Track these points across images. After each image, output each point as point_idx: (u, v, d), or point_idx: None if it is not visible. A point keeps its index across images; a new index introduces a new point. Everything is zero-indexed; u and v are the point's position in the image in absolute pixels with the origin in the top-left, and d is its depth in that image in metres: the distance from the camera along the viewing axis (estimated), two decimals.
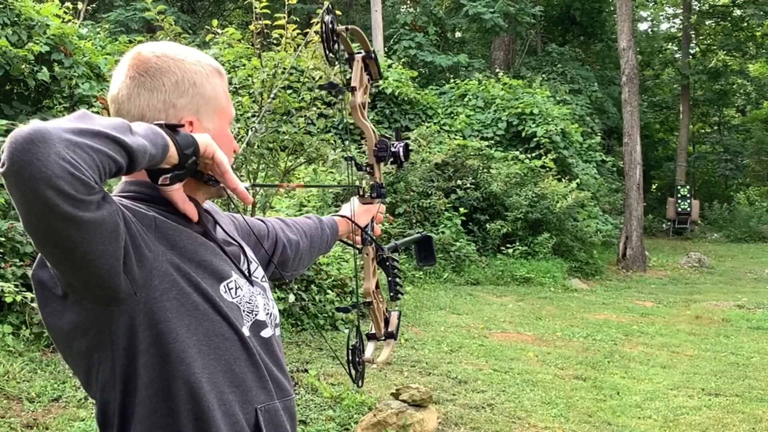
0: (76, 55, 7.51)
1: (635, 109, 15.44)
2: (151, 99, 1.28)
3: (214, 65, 1.36)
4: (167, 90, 1.28)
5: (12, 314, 5.63)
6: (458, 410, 5.17)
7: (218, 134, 1.32)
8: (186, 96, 1.30)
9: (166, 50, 1.32)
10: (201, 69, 1.33)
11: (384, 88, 14.53)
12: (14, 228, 6.00)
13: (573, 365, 6.78)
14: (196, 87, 1.31)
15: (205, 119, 1.32)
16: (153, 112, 1.27)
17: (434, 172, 12.54)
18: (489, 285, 11.26)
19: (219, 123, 1.35)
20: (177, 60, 1.31)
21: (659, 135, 29.94)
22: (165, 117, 1.27)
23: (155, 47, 1.33)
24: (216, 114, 1.34)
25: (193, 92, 1.30)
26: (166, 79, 1.28)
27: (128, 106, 1.29)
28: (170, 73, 1.29)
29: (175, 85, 1.29)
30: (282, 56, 5.73)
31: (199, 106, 1.31)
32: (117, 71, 1.33)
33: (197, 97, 1.31)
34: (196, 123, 1.30)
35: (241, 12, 24.79)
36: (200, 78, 1.32)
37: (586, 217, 13.83)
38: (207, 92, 1.32)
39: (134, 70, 1.29)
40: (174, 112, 1.28)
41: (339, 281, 7.79)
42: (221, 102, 1.35)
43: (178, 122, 1.26)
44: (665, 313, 10.02)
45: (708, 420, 5.36)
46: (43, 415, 4.43)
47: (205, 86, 1.32)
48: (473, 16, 19.17)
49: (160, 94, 1.28)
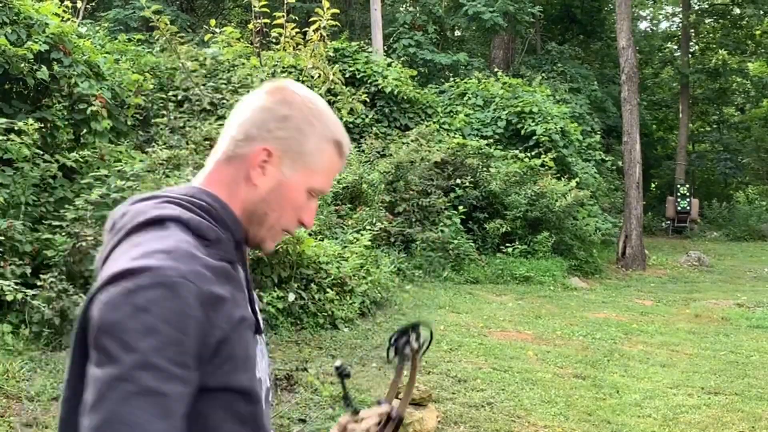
0: (75, 53, 7.50)
1: (635, 108, 15.44)
2: (260, 114, 1.27)
3: (338, 137, 1.31)
4: (276, 117, 1.27)
5: (11, 313, 5.63)
6: (458, 409, 5.17)
7: (290, 189, 1.27)
8: (285, 131, 1.26)
9: (313, 98, 1.31)
10: (322, 128, 1.29)
11: (383, 87, 14.52)
12: (13, 227, 6.00)
13: (572, 364, 6.78)
14: (301, 132, 1.27)
15: (287, 163, 1.26)
16: (249, 123, 1.27)
17: (433, 170, 12.53)
18: (488, 284, 11.25)
19: (300, 181, 1.27)
20: (310, 107, 1.29)
21: (659, 134, 29.94)
22: (255, 132, 1.26)
23: (307, 91, 1.31)
24: (304, 170, 1.27)
25: (295, 134, 1.27)
26: (284, 109, 1.27)
27: (240, 110, 1.30)
28: (293, 109, 1.28)
29: (285, 118, 1.27)
30: (281, 55, 5.73)
31: (290, 148, 1.26)
32: (258, 92, 1.32)
33: (294, 140, 1.26)
34: (273, 157, 1.25)
35: (240, 11, 24.77)
36: (311, 131, 1.27)
37: (586, 216, 13.83)
38: (308, 145, 1.27)
39: (275, 95, 1.29)
40: (264, 135, 1.26)
41: (339, 280, 7.79)
42: (317, 165, 1.28)
43: (259, 149, 1.25)
44: (665, 311, 10.03)
45: (707, 418, 5.36)
46: (42, 414, 4.43)
47: (310, 139, 1.27)
48: (473, 15, 19.16)
49: (269, 115, 1.27)
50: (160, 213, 1.17)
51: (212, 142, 6.33)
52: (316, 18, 5.60)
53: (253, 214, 1.27)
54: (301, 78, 5.86)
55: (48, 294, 5.64)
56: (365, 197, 11.48)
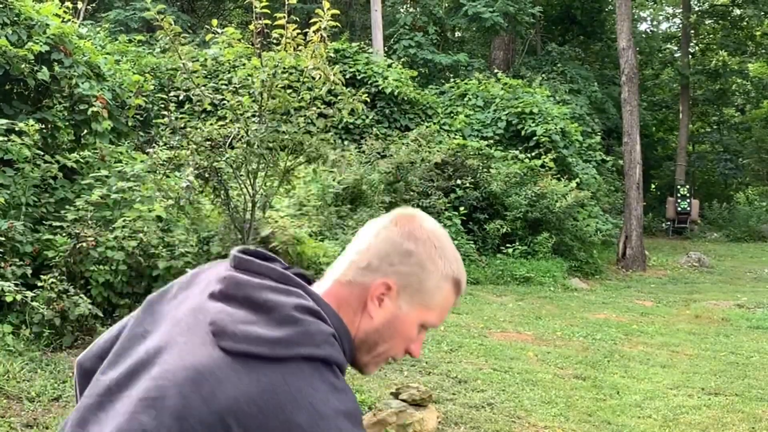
0: (75, 54, 7.51)
1: (635, 109, 15.45)
2: (385, 245, 1.27)
3: (458, 277, 1.31)
4: (401, 252, 1.26)
5: (12, 314, 5.64)
6: (458, 410, 5.17)
7: (403, 323, 1.27)
8: (408, 267, 1.26)
9: (439, 234, 1.31)
10: (444, 267, 1.28)
11: (384, 88, 14.53)
12: (14, 227, 6.00)
13: (573, 365, 6.79)
14: (423, 270, 1.27)
15: (404, 298, 1.26)
16: (373, 252, 1.27)
17: (434, 171, 12.54)
18: (489, 284, 11.26)
19: (415, 316, 1.28)
20: (436, 246, 1.29)
21: (659, 134, 29.95)
22: (377, 264, 1.26)
23: (434, 224, 1.32)
24: (420, 307, 1.28)
25: (417, 270, 1.27)
26: (410, 245, 1.27)
27: (365, 234, 1.30)
28: (418, 244, 1.27)
29: (409, 253, 1.26)
30: (282, 56, 5.73)
31: (410, 284, 1.26)
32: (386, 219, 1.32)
33: (415, 277, 1.26)
34: (392, 291, 1.26)
35: (241, 11, 24.79)
36: (434, 269, 1.27)
37: (586, 217, 13.83)
38: (429, 284, 1.27)
39: (401, 226, 1.29)
40: (385, 268, 1.26)
41: None
42: (433, 302, 1.28)
43: (380, 282, 1.25)
44: (665, 312, 10.03)
45: (708, 419, 5.36)
46: (42, 415, 4.43)
47: (431, 278, 1.27)
48: (473, 16, 19.17)
49: (393, 248, 1.27)
50: (332, 356, 1.17)
51: (213, 142, 6.33)
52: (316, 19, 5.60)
53: (364, 342, 1.28)
54: (301, 78, 5.86)
55: (48, 294, 5.65)
56: (365, 198, 11.48)
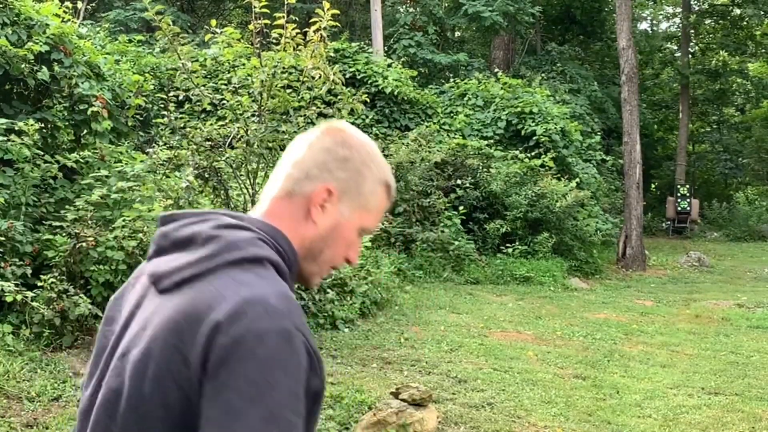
0: (75, 54, 7.50)
1: (635, 109, 15.45)
2: (320, 154, 1.31)
3: (389, 180, 1.37)
4: (337, 158, 1.31)
5: (12, 314, 5.64)
6: (458, 409, 5.17)
7: (345, 227, 1.32)
8: (345, 172, 1.31)
9: (368, 142, 1.36)
10: (377, 171, 1.34)
11: (384, 88, 14.53)
12: (14, 227, 6.00)
13: (573, 364, 6.78)
14: (360, 174, 1.32)
15: (345, 203, 1.31)
16: (309, 162, 1.31)
17: (434, 171, 12.54)
18: (489, 284, 11.26)
19: (356, 220, 1.33)
20: (368, 151, 1.34)
21: (659, 134, 29.93)
22: (316, 172, 1.30)
23: (362, 135, 1.37)
24: (360, 210, 1.33)
25: (354, 175, 1.31)
26: (346, 151, 1.32)
27: (296, 148, 1.34)
28: (353, 151, 1.32)
29: (345, 160, 1.31)
30: (281, 56, 5.73)
31: (349, 189, 1.31)
32: (315, 132, 1.36)
33: (353, 181, 1.31)
34: (333, 196, 1.30)
35: (240, 11, 24.77)
36: (369, 174, 1.33)
37: (586, 217, 13.82)
38: (366, 188, 1.33)
39: (333, 136, 1.34)
40: (325, 175, 1.30)
41: (339, 280, 7.79)
42: (371, 206, 1.34)
43: (321, 188, 1.29)
44: (665, 312, 10.03)
45: (708, 419, 5.36)
46: (43, 415, 4.43)
47: (367, 182, 1.32)
48: (472, 15, 19.17)
49: (331, 155, 1.31)
50: (259, 253, 1.20)
51: (213, 142, 6.33)
52: (316, 19, 5.60)
53: (310, 251, 1.30)
54: (301, 78, 5.86)
55: (48, 294, 5.65)
56: None
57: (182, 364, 1.11)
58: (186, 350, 1.11)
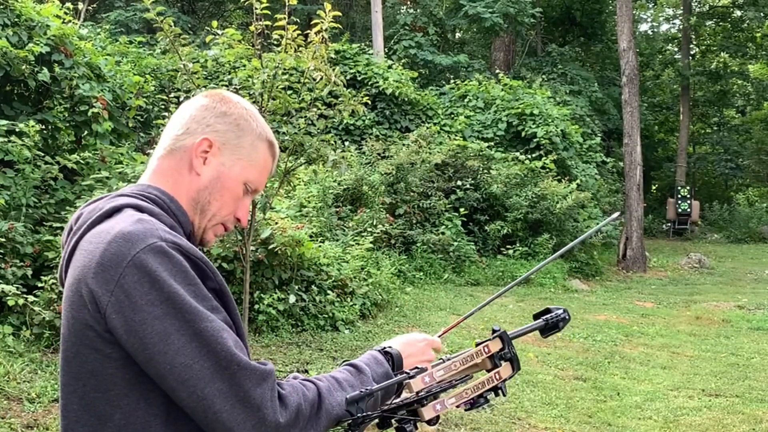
0: (76, 55, 7.51)
1: (635, 110, 15.45)
2: (200, 111, 1.36)
3: (271, 138, 1.41)
4: (215, 113, 1.36)
5: (12, 315, 5.64)
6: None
7: (228, 178, 1.35)
8: (224, 125, 1.35)
9: (246, 103, 1.41)
10: (255, 127, 1.39)
11: (384, 89, 14.53)
12: (15, 229, 6.00)
13: (573, 366, 6.78)
14: (238, 127, 1.36)
15: (225, 154, 1.35)
16: (189, 119, 1.36)
17: (434, 172, 12.54)
18: (489, 286, 11.25)
19: (238, 171, 1.36)
20: (246, 108, 1.39)
21: (659, 136, 29.94)
22: (195, 126, 1.35)
23: (240, 98, 1.42)
24: (240, 162, 1.36)
25: (233, 128, 1.36)
26: (222, 106, 1.37)
27: (180, 112, 1.39)
28: (231, 106, 1.37)
29: (223, 114, 1.36)
30: (282, 57, 5.73)
31: (228, 141, 1.35)
32: (196, 97, 1.42)
33: (232, 133, 1.36)
34: (213, 147, 1.34)
35: (241, 13, 24.78)
36: (248, 128, 1.38)
37: (587, 218, 13.82)
38: (245, 140, 1.37)
39: (213, 97, 1.39)
40: (203, 128, 1.34)
41: (339, 282, 7.79)
42: (252, 159, 1.37)
43: (201, 139, 1.33)
44: (665, 313, 10.02)
45: (708, 421, 5.36)
46: (43, 416, 4.43)
47: (246, 135, 1.37)
48: (473, 17, 19.18)
49: (208, 112, 1.36)
50: (115, 204, 1.25)
51: None
52: (317, 20, 5.59)
53: (197, 202, 1.34)
54: (302, 80, 5.86)
55: (49, 296, 5.65)
56: (366, 199, 11.48)
57: (88, 330, 1.18)
58: (83, 316, 1.18)
